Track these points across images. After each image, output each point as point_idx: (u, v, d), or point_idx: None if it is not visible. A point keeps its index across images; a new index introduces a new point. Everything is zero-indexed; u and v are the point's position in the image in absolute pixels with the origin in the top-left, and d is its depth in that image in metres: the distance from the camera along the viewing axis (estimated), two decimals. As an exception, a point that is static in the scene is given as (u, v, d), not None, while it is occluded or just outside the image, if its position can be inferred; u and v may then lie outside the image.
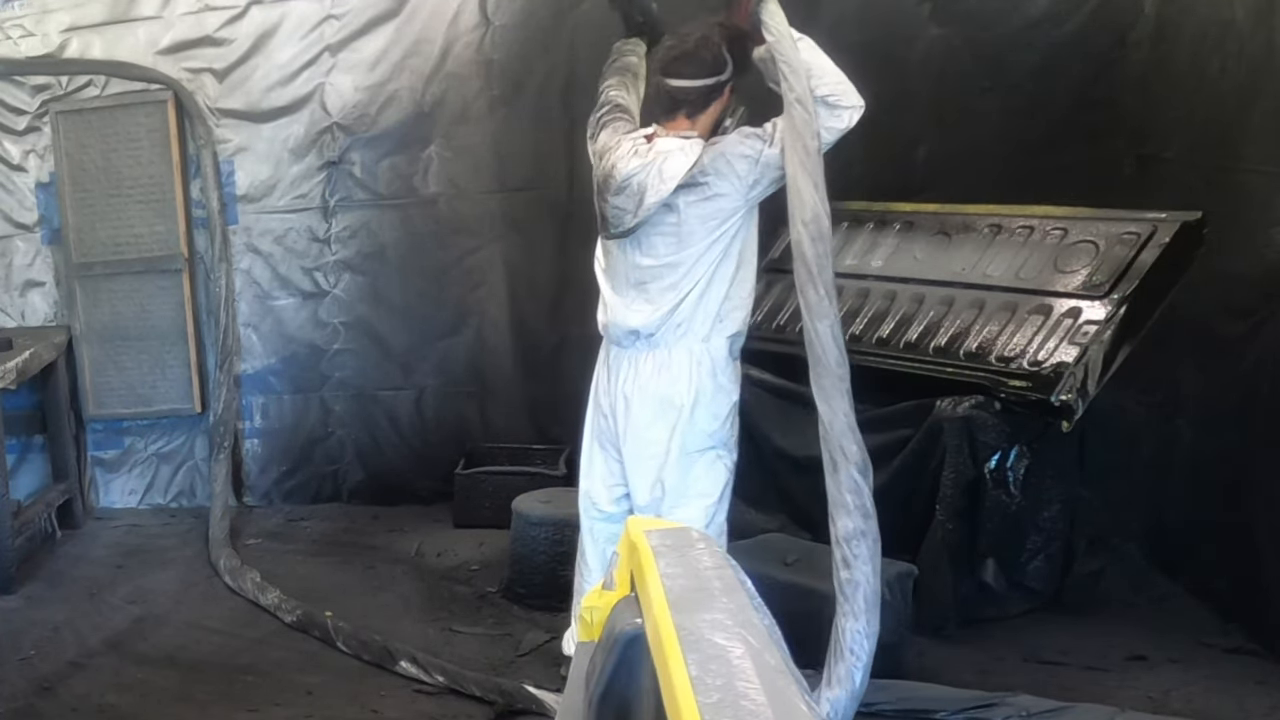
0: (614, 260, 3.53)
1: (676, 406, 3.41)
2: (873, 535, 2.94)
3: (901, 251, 4.47)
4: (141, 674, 4.04)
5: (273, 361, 5.63)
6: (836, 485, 2.95)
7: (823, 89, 3.13)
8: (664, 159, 3.29)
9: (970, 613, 4.03)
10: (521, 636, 4.17)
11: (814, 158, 3.04)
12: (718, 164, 3.29)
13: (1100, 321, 3.79)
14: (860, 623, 2.92)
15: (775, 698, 1.07)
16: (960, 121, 4.71)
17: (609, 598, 1.56)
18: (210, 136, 5.39)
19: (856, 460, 2.94)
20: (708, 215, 3.32)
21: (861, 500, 2.93)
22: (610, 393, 3.56)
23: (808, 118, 3.06)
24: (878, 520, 2.96)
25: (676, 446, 3.42)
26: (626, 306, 3.48)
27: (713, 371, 3.41)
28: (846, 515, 2.93)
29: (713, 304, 3.38)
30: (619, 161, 3.36)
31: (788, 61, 3.11)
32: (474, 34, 5.26)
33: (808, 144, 3.05)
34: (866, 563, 2.92)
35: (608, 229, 3.43)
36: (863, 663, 2.93)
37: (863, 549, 2.92)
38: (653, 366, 3.45)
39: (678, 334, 3.40)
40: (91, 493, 5.76)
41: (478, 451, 5.44)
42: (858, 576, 2.92)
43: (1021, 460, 3.97)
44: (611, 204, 3.38)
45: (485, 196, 5.42)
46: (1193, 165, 4.13)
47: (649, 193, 3.28)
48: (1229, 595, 3.96)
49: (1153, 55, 4.36)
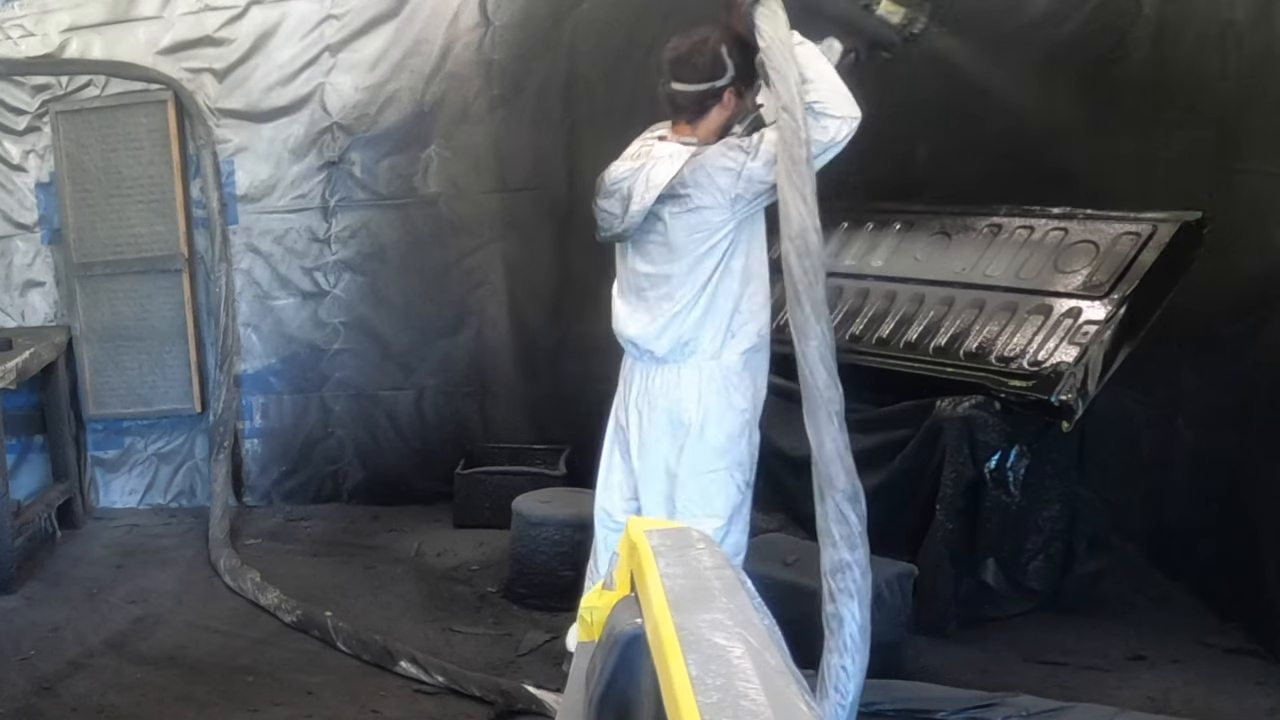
0: (620, 267, 3.51)
1: (685, 425, 3.35)
2: (860, 567, 2.76)
3: (901, 251, 4.47)
4: (141, 674, 4.04)
5: (273, 361, 5.64)
6: (823, 515, 2.79)
7: (812, 95, 3.01)
8: (653, 165, 3.24)
9: (970, 613, 4.03)
10: (521, 636, 4.17)
11: (802, 169, 2.89)
12: (698, 175, 3.20)
13: (1100, 321, 3.78)
14: (846, 659, 2.76)
15: (775, 698, 1.07)
16: (960, 121, 4.70)
17: (609, 598, 1.56)
18: (210, 136, 5.39)
19: (844, 488, 2.77)
20: (693, 227, 3.25)
21: (848, 530, 2.75)
22: (624, 405, 3.52)
23: (796, 126, 2.92)
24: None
25: (686, 466, 3.36)
26: (629, 314, 3.44)
27: (724, 389, 3.32)
28: (832, 547, 2.76)
29: (720, 319, 3.29)
30: (615, 164, 3.32)
31: (776, 68, 3.00)
32: (474, 34, 5.26)
33: (795, 154, 2.91)
34: (852, 597, 2.75)
35: (598, 232, 3.42)
36: (848, 702, 2.77)
37: (848, 582, 2.75)
38: (662, 383, 3.39)
39: (685, 351, 3.33)
40: (91, 493, 5.76)
41: (478, 451, 5.45)
42: (843, 611, 2.76)
43: (1021, 460, 3.96)
44: (600, 206, 3.35)
45: (485, 196, 5.42)
46: (1193, 165, 4.13)
47: (634, 199, 3.24)
48: (1229, 595, 3.96)
49: (1153, 55, 4.36)
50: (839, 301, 4.45)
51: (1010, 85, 4.61)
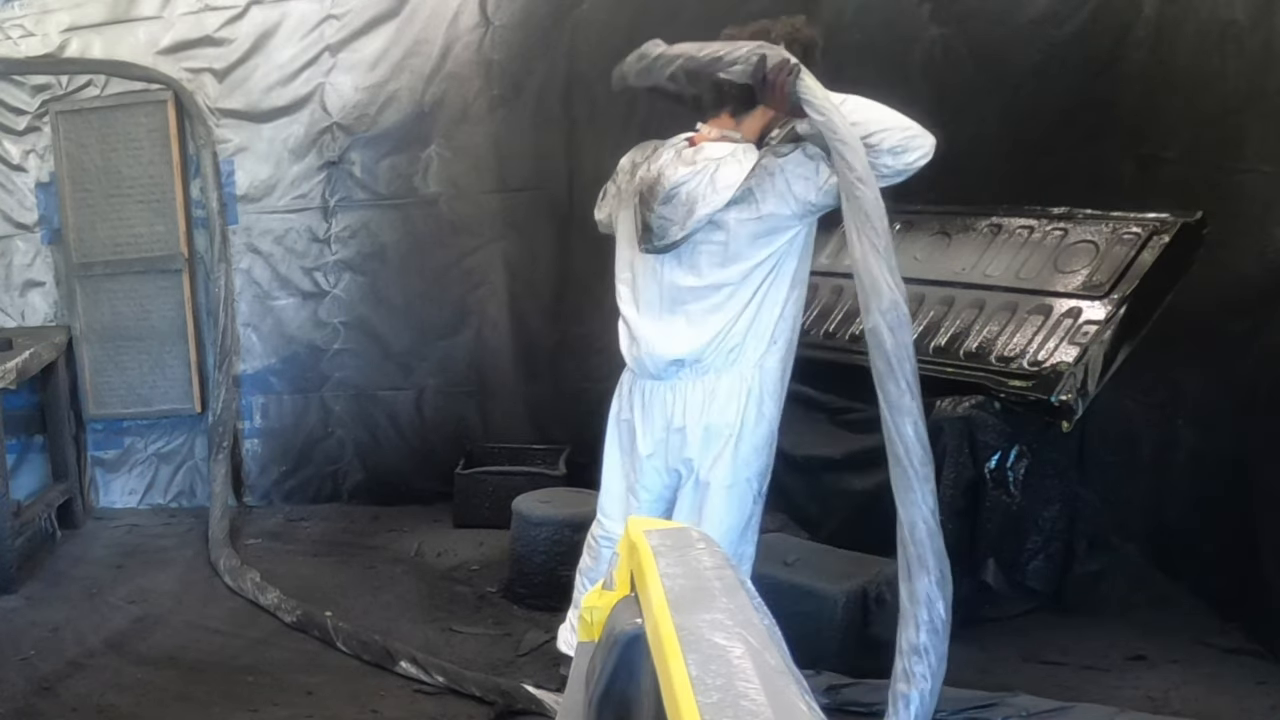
0: (645, 281, 3.25)
1: (724, 437, 3.20)
2: (938, 653, 2.72)
3: (902, 251, 4.41)
4: (141, 674, 4.04)
5: (273, 361, 5.64)
6: (910, 595, 2.71)
7: (890, 140, 2.89)
8: (716, 167, 3.04)
9: (970, 613, 4.01)
10: (521, 636, 4.17)
11: (885, 239, 2.75)
12: (775, 182, 3.02)
13: (1100, 321, 3.78)
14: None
15: (775, 698, 1.07)
16: (960, 121, 4.69)
17: (609, 598, 1.56)
18: (210, 136, 5.40)
19: (935, 573, 2.69)
20: (759, 234, 3.05)
21: (932, 615, 2.69)
22: (651, 430, 3.30)
23: (874, 198, 2.76)
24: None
25: (718, 477, 3.22)
26: (665, 333, 3.20)
27: (760, 398, 3.18)
28: (915, 629, 2.70)
29: (766, 326, 3.14)
30: (665, 168, 3.10)
31: (843, 139, 2.78)
32: (474, 34, 5.26)
33: (877, 226, 2.76)
34: (926, 680, 2.72)
35: (651, 241, 3.14)
36: None
37: (924, 666, 2.71)
38: (701, 394, 3.20)
39: (729, 359, 3.15)
40: (91, 493, 5.77)
41: (478, 451, 5.45)
42: (912, 693, 2.73)
43: (1021, 460, 3.96)
44: (658, 214, 3.09)
45: (485, 196, 5.42)
46: (1193, 165, 4.13)
47: (700, 204, 3.03)
48: (1229, 595, 3.96)
49: (1153, 55, 4.35)
50: (839, 301, 4.45)
51: (1010, 85, 4.61)
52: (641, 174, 3.21)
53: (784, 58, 2.88)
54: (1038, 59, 4.53)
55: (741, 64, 2.91)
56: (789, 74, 2.85)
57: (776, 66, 2.86)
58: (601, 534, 3.56)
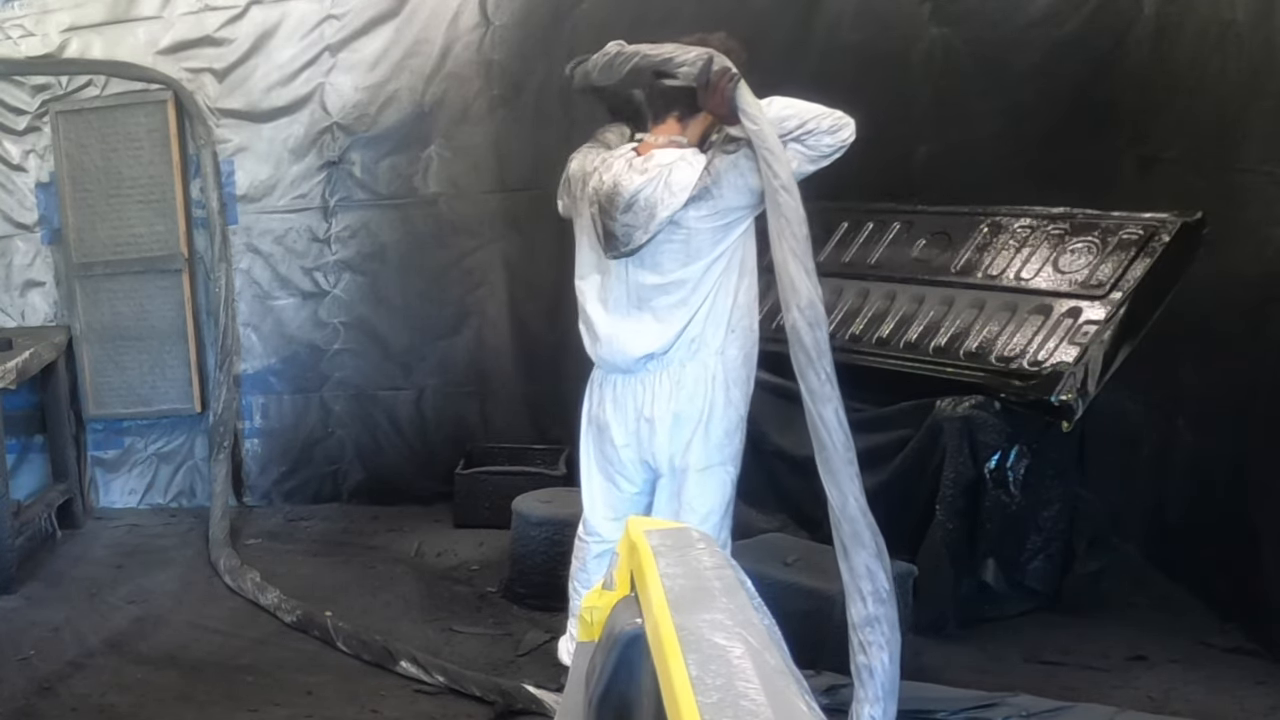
0: (613, 281, 3.43)
1: (693, 423, 3.37)
2: (889, 620, 2.85)
3: (901, 251, 4.47)
4: (141, 674, 4.04)
5: (273, 361, 5.64)
6: (850, 571, 2.87)
7: (825, 122, 3.11)
8: (669, 171, 3.21)
9: (970, 613, 4.03)
10: (521, 636, 4.17)
11: (804, 244, 2.98)
12: (731, 176, 3.19)
13: (1100, 321, 3.78)
14: (878, 709, 2.85)
15: (775, 698, 1.07)
16: (960, 121, 4.70)
17: (609, 598, 1.56)
18: (210, 136, 5.40)
19: (870, 546, 2.86)
20: (717, 228, 3.25)
21: (875, 586, 2.84)
22: (624, 422, 3.48)
23: (795, 205, 2.99)
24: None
25: (693, 462, 3.39)
26: (635, 330, 3.39)
27: (725, 385, 3.36)
28: (861, 602, 2.85)
29: (723, 315, 3.32)
30: (620, 178, 3.27)
31: (770, 149, 3.04)
32: (474, 34, 5.26)
33: (797, 231, 2.98)
34: (883, 649, 2.85)
35: (617, 248, 3.31)
36: None
37: (878, 635, 2.84)
38: (669, 385, 3.38)
39: (691, 349, 3.34)
40: (91, 493, 5.77)
41: (478, 451, 5.45)
42: (874, 663, 2.85)
43: (1021, 460, 3.96)
44: (621, 222, 3.27)
45: (485, 196, 5.42)
46: (1193, 165, 4.13)
47: (660, 207, 3.20)
48: (1229, 595, 3.96)
49: (1153, 55, 4.36)
50: (839, 301, 4.45)
51: (1010, 85, 4.61)
52: (594, 184, 3.37)
53: (727, 65, 3.10)
54: (1038, 59, 4.54)
55: (689, 65, 3.14)
56: (730, 80, 3.08)
57: (720, 71, 3.08)
58: (584, 532, 3.71)
